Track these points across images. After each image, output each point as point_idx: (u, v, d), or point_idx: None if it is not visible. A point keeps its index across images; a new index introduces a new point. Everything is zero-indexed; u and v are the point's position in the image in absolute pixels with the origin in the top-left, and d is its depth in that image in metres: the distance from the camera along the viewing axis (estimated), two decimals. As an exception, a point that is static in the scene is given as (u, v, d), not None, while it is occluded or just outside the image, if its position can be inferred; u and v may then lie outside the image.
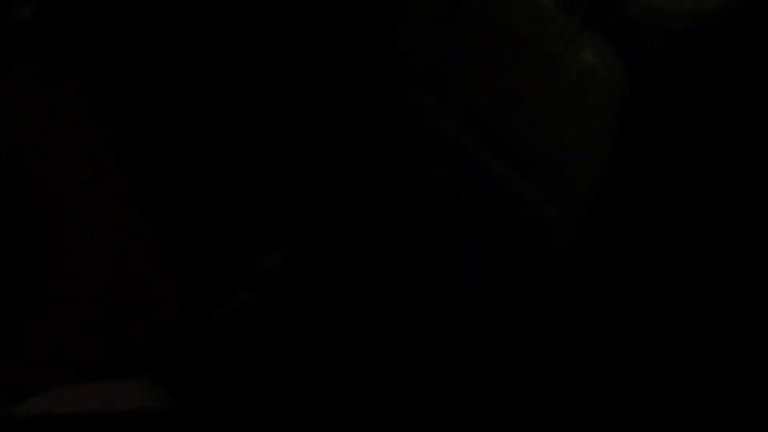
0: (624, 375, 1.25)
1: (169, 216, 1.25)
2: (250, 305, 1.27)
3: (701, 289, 1.28)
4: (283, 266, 1.33)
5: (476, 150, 1.22)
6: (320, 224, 1.42)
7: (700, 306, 1.28)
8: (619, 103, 0.97)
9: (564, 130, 1.07)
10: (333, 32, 1.50)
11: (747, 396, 1.22)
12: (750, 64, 1.03)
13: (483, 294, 1.31)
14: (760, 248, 1.23)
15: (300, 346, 1.27)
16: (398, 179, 1.44)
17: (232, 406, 1.20)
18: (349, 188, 1.47)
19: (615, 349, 1.27)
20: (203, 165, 1.41)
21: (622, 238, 1.22)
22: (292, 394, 1.21)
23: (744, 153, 1.17)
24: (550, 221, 1.15)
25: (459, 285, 1.33)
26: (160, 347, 1.14)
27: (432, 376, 1.26)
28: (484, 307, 1.31)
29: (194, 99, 1.44)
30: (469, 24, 1.14)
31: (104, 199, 1.09)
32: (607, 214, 1.16)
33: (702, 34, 0.96)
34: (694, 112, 1.07)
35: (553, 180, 1.13)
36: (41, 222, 1.04)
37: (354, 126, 1.51)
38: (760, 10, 0.98)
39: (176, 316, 1.08)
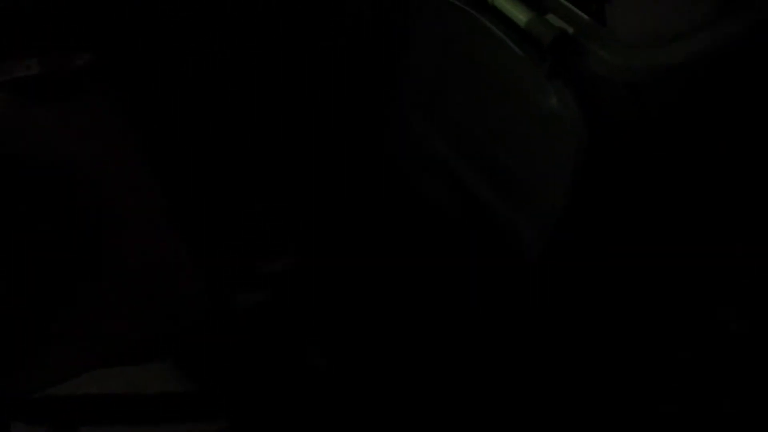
0: (623, 375, 1.30)
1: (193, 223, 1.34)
2: (261, 304, 1.39)
3: (704, 290, 1.32)
4: (291, 270, 1.43)
5: (461, 168, 1.30)
6: (324, 225, 1.48)
7: (706, 306, 1.32)
8: (581, 146, 1.03)
9: (534, 158, 1.15)
10: (333, 32, 1.52)
11: (751, 395, 1.26)
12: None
13: (482, 288, 1.39)
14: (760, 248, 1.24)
15: (308, 327, 1.37)
16: (398, 177, 1.49)
17: (244, 388, 1.32)
18: (349, 188, 1.53)
19: (612, 348, 1.32)
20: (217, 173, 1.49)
21: (619, 238, 1.24)
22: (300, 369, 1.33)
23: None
24: (522, 235, 1.23)
25: (458, 277, 1.40)
26: (185, 331, 1.22)
27: (430, 356, 1.35)
28: (482, 299, 1.39)
29: (195, 98, 1.49)
30: (458, 59, 1.21)
31: (138, 203, 1.18)
32: (603, 217, 1.20)
33: (659, 87, 1.00)
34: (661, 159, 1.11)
35: (524, 200, 1.20)
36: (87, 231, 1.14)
37: (354, 126, 1.56)
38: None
39: (204, 303, 1.16)
